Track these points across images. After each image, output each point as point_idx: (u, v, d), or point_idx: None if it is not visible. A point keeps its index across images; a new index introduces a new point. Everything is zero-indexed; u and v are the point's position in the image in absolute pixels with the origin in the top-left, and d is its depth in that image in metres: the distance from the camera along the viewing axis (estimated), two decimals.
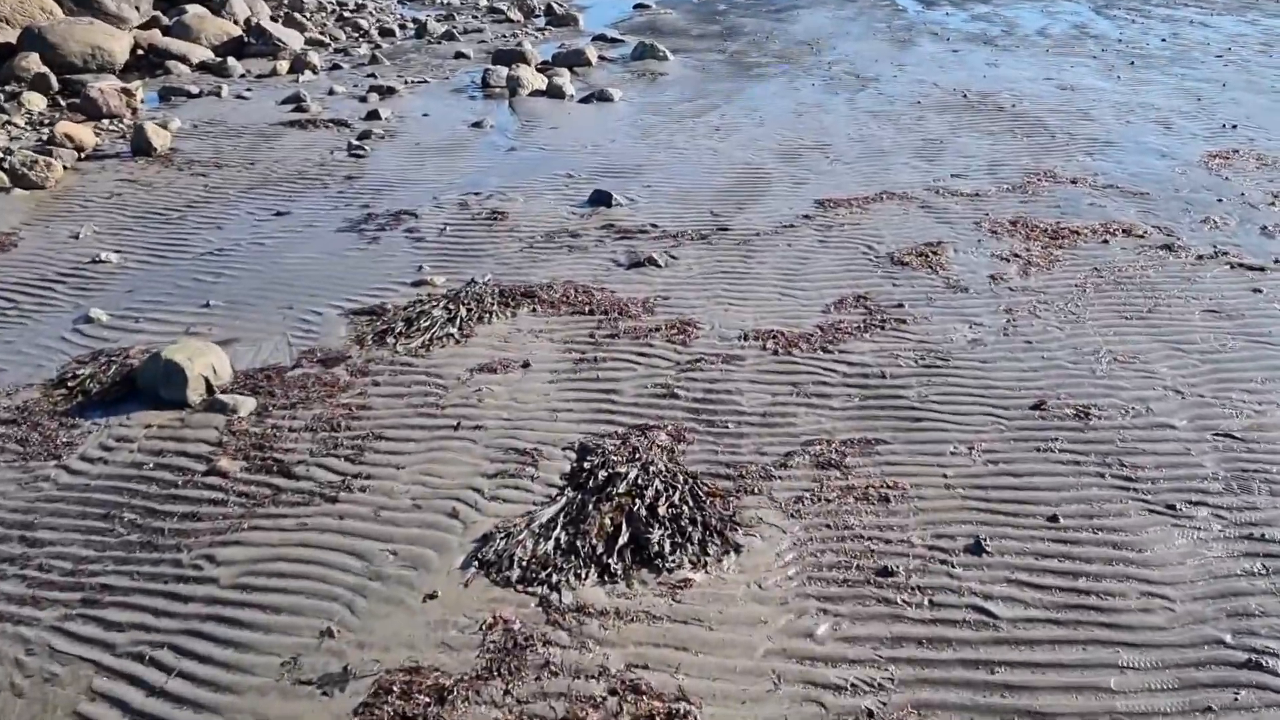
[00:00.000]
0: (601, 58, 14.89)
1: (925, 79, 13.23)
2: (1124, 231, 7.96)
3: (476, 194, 9.20)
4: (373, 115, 11.84)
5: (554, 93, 12.77)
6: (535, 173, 9.80)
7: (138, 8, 17.68)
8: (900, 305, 6.82)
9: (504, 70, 13.37)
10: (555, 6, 18.75)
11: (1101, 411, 5.50)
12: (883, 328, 6.52)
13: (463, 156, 10.42)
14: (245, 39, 15.90)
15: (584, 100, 12.60)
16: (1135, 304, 6.76)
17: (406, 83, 13.63)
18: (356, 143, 10.76)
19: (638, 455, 5.09)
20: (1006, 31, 16.21)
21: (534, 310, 6.87)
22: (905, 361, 6.11)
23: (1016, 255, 7.55)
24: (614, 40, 16.17)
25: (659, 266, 7.54)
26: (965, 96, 12.27)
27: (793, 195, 9.03)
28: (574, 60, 14.41)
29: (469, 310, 6.78)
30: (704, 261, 7.63)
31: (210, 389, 5.91)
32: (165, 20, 16.62)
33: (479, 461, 5.21)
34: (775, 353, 6.24)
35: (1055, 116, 11.31)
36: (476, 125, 11.49)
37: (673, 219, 8.50)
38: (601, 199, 8.85)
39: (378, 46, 16.12)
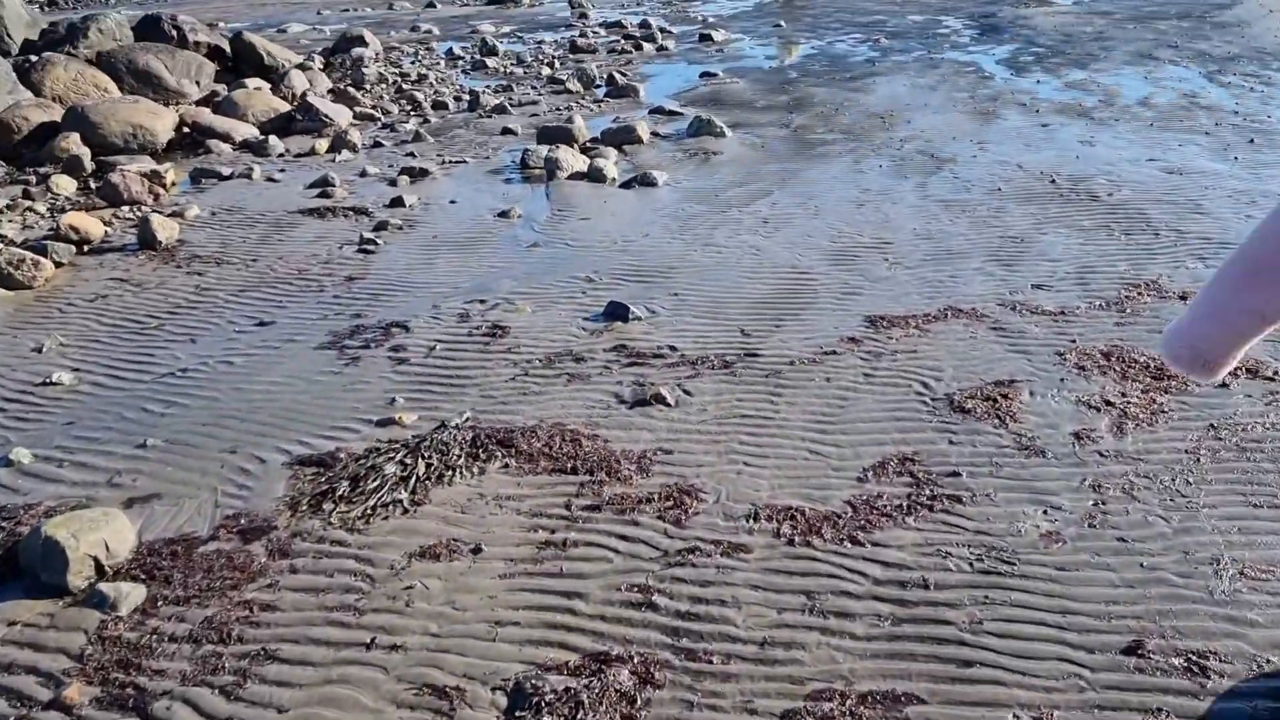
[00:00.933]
0: (655, 134, 13.91)
1: (1008, 159, 11.80)
2: (1247, 371, 6.42)
3: (482, 301, 8.18)
4: (396, 202, 11.04)
5: (594, 175, 11.79)
6: (553, 274, 8.75)
7: (198, 82, 17.62)
8: (956, 474, 5.45)
9: (544, 150, 12.47)
10: (617, 76, 17.94)
11: (1224, 663, 4.04)
12: (931, 508, 5.16)
13: (479, 253, 9.46)
14: (293, 115, 15.47)
15: (625, 184, 11.58)
16: (1265, 483, 5.24)
17: (443, 163, 12.86)
18: (370, 235, 9.93)
19: (580, 715, 3.86)
20: (1104, 102, 14.64)
21: (506, 466, 5.74)
22: (956, 563, 4.74)
23: (1109, 403, 6.10)
24: (672, 113, 15.20)
25: (668, 405, 6.35)
26: (1054, 181, 10.81)
27: (840, 309, 7.74)
28: (623, 138, 13.45)
29: (429, 466, 5.69)
30: (722, 400, 6.40)
31: (100, 570, 4.93)
32: (221, 95, 16.40)
33: (382, 705, 4.05)
34: (790, 542, 4.95)
35: (1160, 208, 9.76)
36: (503, 215, 10.56)
37: (695, 339, 7.31)
38: (617, 312, 7.72)
39: (425, 121, 15.52)
